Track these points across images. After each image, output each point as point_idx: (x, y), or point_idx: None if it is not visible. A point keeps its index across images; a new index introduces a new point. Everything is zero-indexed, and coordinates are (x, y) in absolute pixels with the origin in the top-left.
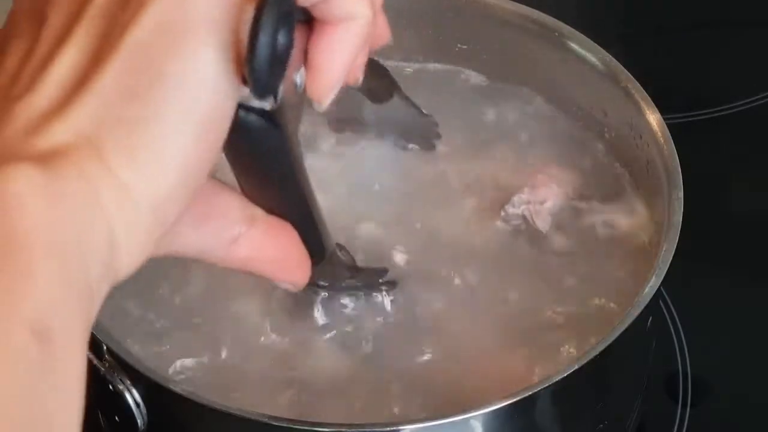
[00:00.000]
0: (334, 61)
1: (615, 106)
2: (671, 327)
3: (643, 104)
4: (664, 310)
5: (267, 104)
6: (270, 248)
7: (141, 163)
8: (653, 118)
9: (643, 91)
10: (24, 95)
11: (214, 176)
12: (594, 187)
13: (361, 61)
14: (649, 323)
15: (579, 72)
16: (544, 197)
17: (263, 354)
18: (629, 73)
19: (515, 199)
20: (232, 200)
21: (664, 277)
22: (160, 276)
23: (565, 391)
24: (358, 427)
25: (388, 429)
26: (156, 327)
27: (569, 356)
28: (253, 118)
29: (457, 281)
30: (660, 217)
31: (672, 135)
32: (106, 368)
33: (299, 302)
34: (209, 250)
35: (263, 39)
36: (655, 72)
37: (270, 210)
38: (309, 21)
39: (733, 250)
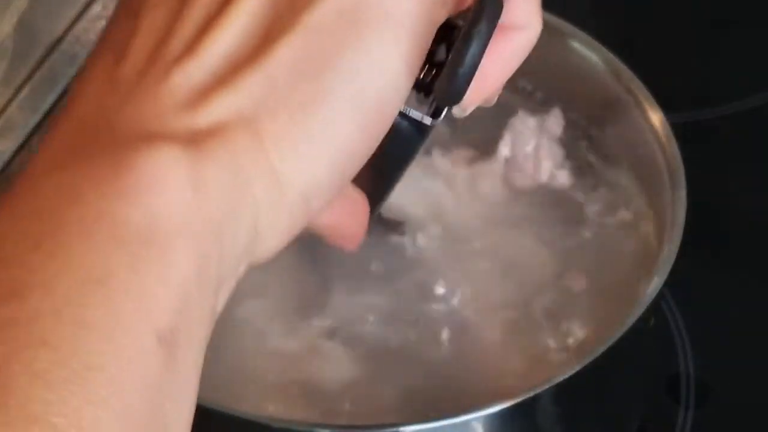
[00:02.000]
0: (495, 70)
1: (617, 106)
2: (673, 327)
3: (645, 103)
4: (666, 311)
5: (430, 120)
6: (347, 220)
7: (301, 152)
8: (656, 118)
9: (646, 90)
10: (183, 59)
11: None
12: (595, 186)
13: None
14: (651, 324)
15: (581, 71)
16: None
17: (268, 357)
18: (632, 72)
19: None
20: None
21: (667, 277)
22: None
23: (566, 392)
24: (358, 427)
25: (388, 429)
26: None
27: (569, 357)
28: (404, 125)
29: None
30: (663, 217)
31: (675, 134)
32: None
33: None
34: None
35: (474, 50)
36: (657, 71)
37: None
38: None
39: (737, 250)
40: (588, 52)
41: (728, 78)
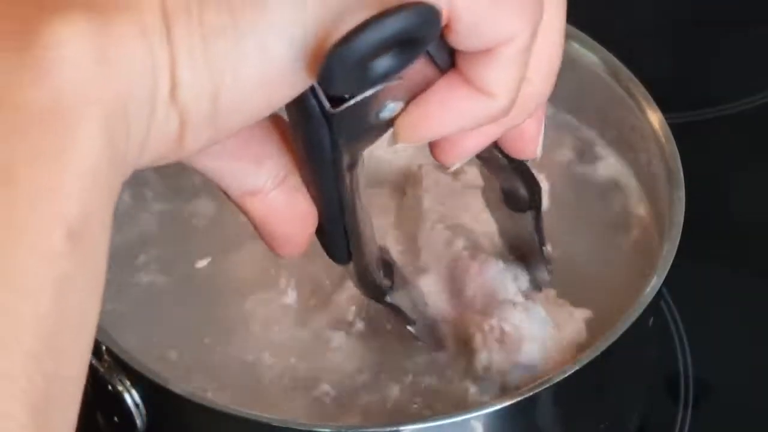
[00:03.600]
0: (442, 116)
1: (616, 106)
2: (673, 327)
3: (644, 104)
4: (666, 310)
5: (327, 104)
6: (282, 218)
7: (211, 52)
8: (655, 118)
9: (645, 90)
10: None
11: (280, 120)
12: (594, 186)
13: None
14: (650, 323)
15: (580, 71)
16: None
17: (278, 351)
18: (631, 73)
19: None
20: (274, 153)
21: (666, 277)
22: None
23: (565, 391)
24: (358, 427)
25: (388, 429)
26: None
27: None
28: (312, 104)
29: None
30: (662, 217)
31: (673, 135)
32: (105, 369)
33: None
34: (231, 186)
35: (360, 35)
36: (656, 71)
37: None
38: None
39: (735, 250)
40: (587, 52)
41: (727, 78)
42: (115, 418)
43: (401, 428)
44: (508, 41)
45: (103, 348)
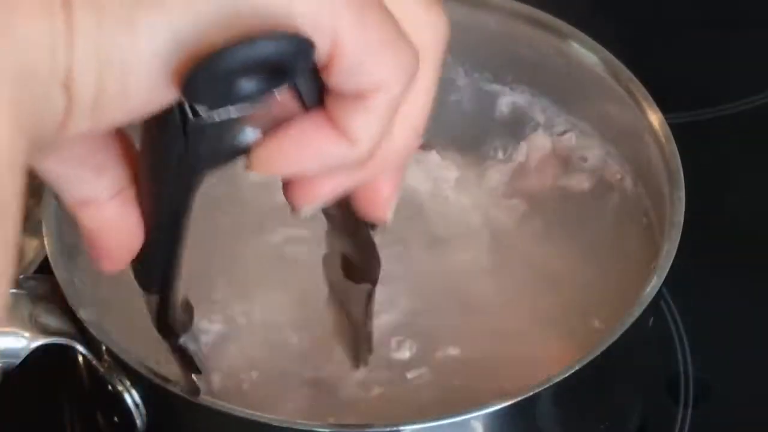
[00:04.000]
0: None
1: (616, 106)
2: (672, 327)
3: (644, 103)
4: (666, 311)
5: (190, 114)
6: (111, 231)
7: (106, 42)
8: (655, 118)
9: (645, 90)
10: None
11: (123, 130)
12: (594, 186)
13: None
14: (650, 323)
15: (580, 71)
16: None
17: (283, 353)
18: (630, 73)
19: None
20: (116, 164)
21: (666, 277)
22: None
23: (565, 391)
24: (358, 427)
25: (388, 429)
26: None
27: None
28: (174, 113)
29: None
30: (661, 217)
31: (673, 134)
32: (105, 369)
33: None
34: (67, 192)
35: (221, 65)
36: (656, 71)
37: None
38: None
39: (735, 250)
40: (587, 53)
41: (727, 78)
42: (115, 418)
43: (401, 428)
44: (382, 89)
45: (103, 348)
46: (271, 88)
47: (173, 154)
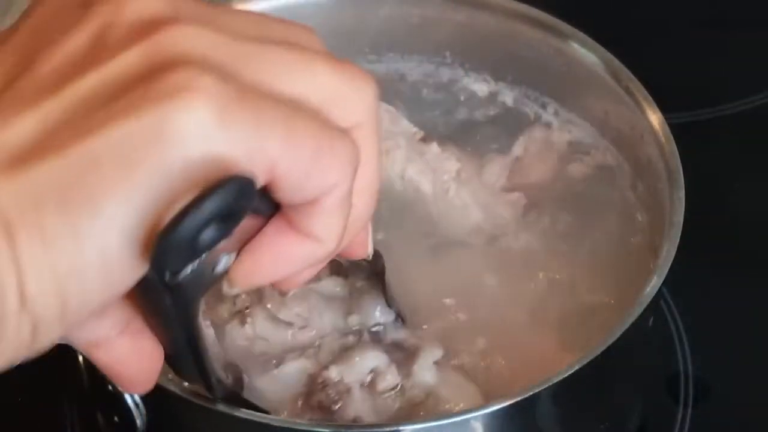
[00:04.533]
0: (271, 262)
1: (616, 106)
2: (672, 327)
3: (644, 104)
4: (666, 310)
5: (168, 276)
6: (129, 362)
7: (55, 257)
8: (654, 118)
9: (645, 90)
10: None
11: None
12: (594, 186)
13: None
14: (650, 323)
15: (580, 71)
16: None
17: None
18: (630, 73)
19: None
20: (115, 303)
21: (666, 277)
22: None
23: (565, 391)
24: (358, 427)
25: (387, 429)
26: None
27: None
28: (153, 278)
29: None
30: (661, 217)
31: (673, 134)
32: None
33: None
34: (75, 339)
35: (180, 234)
36: (656, 71)
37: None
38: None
39: (735, 250)
40: (587, 52)
41: (727, 78)
42: (115, 418)
43: (401, 428)
44: (331, 190)
45: None
46: (228, 232)
47: (163, 304)
